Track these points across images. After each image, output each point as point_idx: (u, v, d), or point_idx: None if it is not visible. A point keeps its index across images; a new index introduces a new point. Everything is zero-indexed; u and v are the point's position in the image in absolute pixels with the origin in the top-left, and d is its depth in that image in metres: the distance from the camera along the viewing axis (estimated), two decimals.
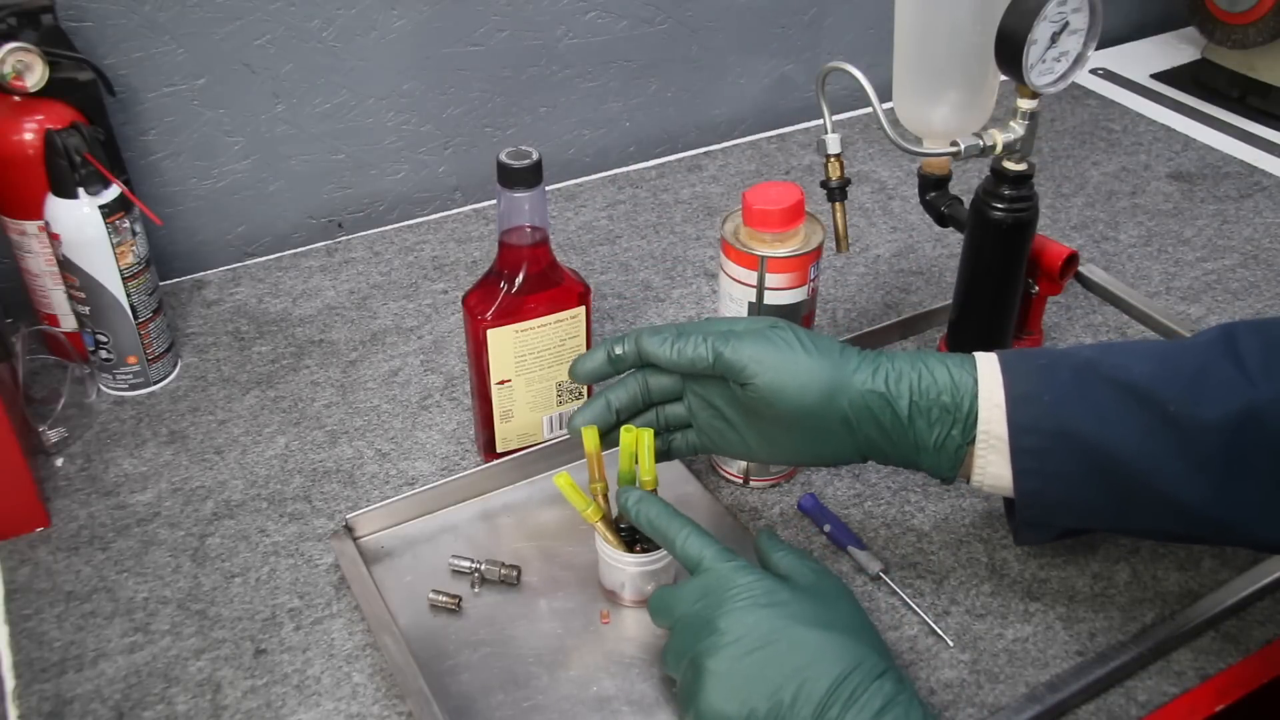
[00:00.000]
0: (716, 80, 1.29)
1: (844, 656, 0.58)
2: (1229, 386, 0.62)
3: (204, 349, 0.96)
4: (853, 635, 0.60)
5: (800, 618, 0.60)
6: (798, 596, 0.61)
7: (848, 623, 0.61)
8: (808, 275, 0.74)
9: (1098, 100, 1.38)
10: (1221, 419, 0.61)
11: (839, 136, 0.82)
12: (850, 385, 0.66)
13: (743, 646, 0.59)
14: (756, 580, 0.61)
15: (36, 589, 0.75)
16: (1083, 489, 0.65)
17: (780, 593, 0.61)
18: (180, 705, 0.68)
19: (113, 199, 0.83)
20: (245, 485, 0.83)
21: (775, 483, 0.83)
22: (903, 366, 0.67)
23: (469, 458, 0.85)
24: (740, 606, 0.60)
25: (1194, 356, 0.65)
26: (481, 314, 0.76)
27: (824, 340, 0.68)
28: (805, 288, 0.74)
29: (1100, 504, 0.65)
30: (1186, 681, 0.70)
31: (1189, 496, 0.63)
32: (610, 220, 1.15)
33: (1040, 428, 0.64)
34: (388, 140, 1.13)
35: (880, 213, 1.16)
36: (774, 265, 0.73)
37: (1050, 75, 0.76)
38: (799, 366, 0.66)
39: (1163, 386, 0.63)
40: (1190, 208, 1.17)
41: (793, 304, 0.75)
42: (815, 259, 0.74)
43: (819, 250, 0.74)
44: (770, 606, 0.60)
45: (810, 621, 0.60)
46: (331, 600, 0.74)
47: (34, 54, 0.82)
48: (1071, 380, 0.65)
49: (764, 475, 0.82)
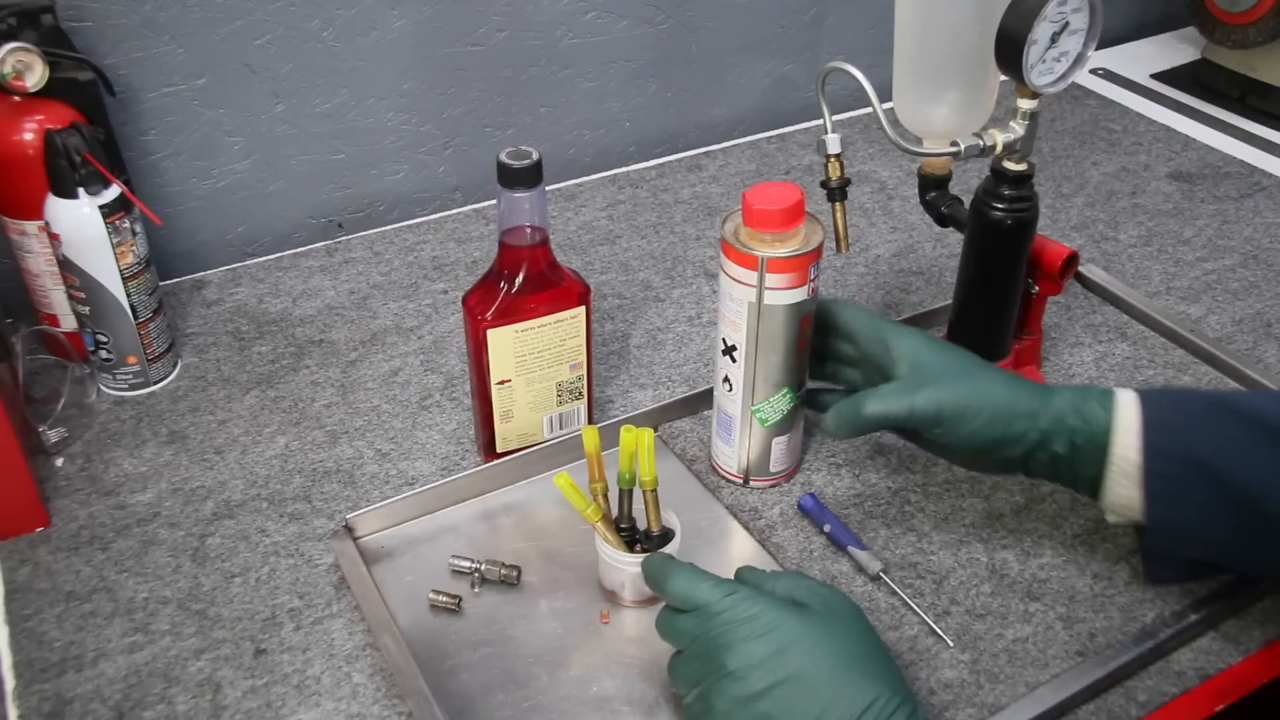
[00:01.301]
0: (716, 80, 1.29)
1: (856, 697, 0.56)
2: None
3: (204, 349, 0.96)
4: (862, 668, 0.58)
5: (809, 653, 0.58)
6: (806, 624, 0.59)
7: (857, 650, 0.59)
8: (808, 275, 0.74)
9: (1098, 100, 1.38)
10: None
11: (839, 136, 0.82)
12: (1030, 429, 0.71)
13: (750, 687, 0.57)
14: (761, 612, 0.59)
15: (36, 589, 0.75)
16: (1212, 519, 0.67)
17: (788, 622, 0.59)
18: (180, 705, 0.68)
19: (113, 199, 0.83)
20: (245, 485, 0.83)
21: (775, 483, 0.83)
22: (1063, 407, 0.71)
23: (469, 458, 0.85)
24: (747, 643, 0.58)
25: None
26: (481, 314, 0.76)
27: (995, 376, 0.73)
28: (805, 288, 0.74)
29: (1229, 536, 0.68)
30: (1186, 681, 0.70)
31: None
32: (610, 220, 1.15)
33: (1172, 454, 0.67)
34: (388, 140, 1.13)
35: (880, 213, 1.16)
36: (774, 265, 0.73)
37: (1050, 75, 0.76)
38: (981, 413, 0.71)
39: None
40: (1190, 208, 1.17)
41: (793, 304, 0.75)
42: (815, 259, 0.74)
43: (819, 250, 0.74)
44: (777, 642, 0.58)
45: (819, 656, 0.58)
46: (331, 600, 0.74)
47: (34, 54, 0.82)
48: (1204, 412, 0.68)
49: (764, 475, 0.82)
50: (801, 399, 0.80)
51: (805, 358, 0.78)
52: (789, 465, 0.83)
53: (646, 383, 0.93)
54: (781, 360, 0.77)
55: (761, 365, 0.77)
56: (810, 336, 0.78)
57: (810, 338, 0.78)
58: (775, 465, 0.82)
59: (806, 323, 0.77)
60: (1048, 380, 0.92)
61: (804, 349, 0.78)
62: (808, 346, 0.78)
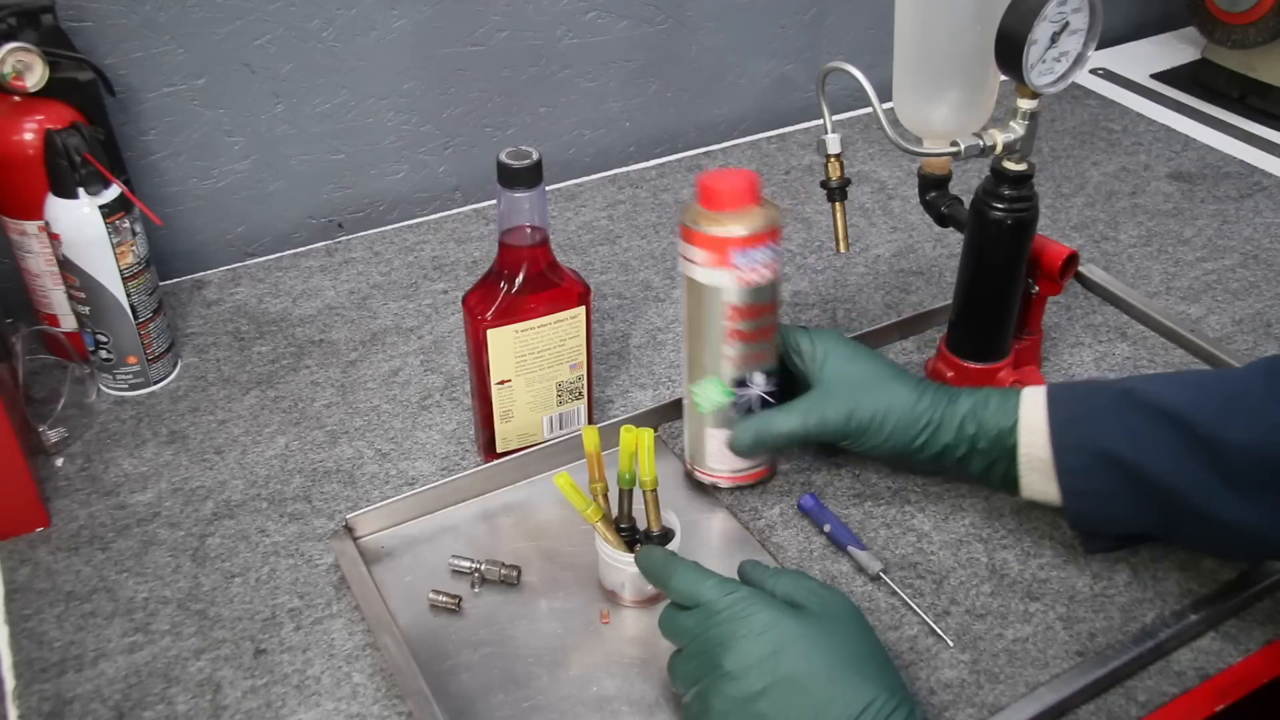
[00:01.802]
0: (716, 80, 1.29)
1: (853, 698, 0.57)
2: (1259, 411, 0.66)
3: (204, 349, 0.96)
4: (859, 669, 0.58)
5: (805, 654, 0.58)
6: (804, 626, 0.59)
7: (855, 652, 0.59)
8: (728, 259, 0.72)
9: (1098, 100, 1.38)
10: (1250, 441, 0.65)
11: (839, 136, 0.82)
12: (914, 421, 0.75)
13: (747, 687, 0.58)
14: (758, 612, 0.60)
15: (36, 589, 0.75)
16: (1128, 506, 0.70)
17: (785, 623, 0.59)
18: (180, 705, 0.68)
19: (113, 199, 0.83)
20: (245, 485, 0.83)
21: (715, 480, 0.81)
22: (961, 414, 0.75)
23: (469, 458, 0.85)
24: (744, 643, 0.59)
25: (1231, 385, 0.70)
26: (481, 314, 0.76)
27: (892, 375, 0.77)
28: (728, 272, 0.73)
29: (1148, 519, 0.71)
30: (1186, 681, 0.70)
31: (1225, 513, 0.67)
32: (610, 220, 1.15)
33: (1082, 448, 0.70)
34: (388, 140, 1.13)
35: (880, 213, 1.16)
36: (697, 239, 0.73)
37: (1050, 75, 0.76)
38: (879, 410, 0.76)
39: (1195, 410, 0.68)
40: (1190, 208, 1.17)
41: (713, 286, 0.74)
42: (743, 247, 0.72)
43: (775, 232, 0.74)
44: (774, 642, 0.58)
45: (816, 658, 0.58)
46: (331, 600, 0.74)
47: (34, 54, 0.82)
48: (1110, 405, 0.71)
49: (703, 467, 0.81)
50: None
51: (742, 353, 0.76)
52: (733, 469, 0.80)
53: (646, 383, 0.93)
54: (705, 345, 0.76)
55: (693, 345, 0.77)
56: (748, 332, 0.75)
57: (748, 333, 0.75)
58: (712, 460, 0.80)
59: (738, 313, 0.74)
60: (1048, 380, 0.92)
61: (734, 340, 0.75)
62: (744, 342, 0.75)
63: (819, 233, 1.12)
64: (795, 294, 1.03)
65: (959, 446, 0.75)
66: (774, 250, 0.74)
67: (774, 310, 0.77)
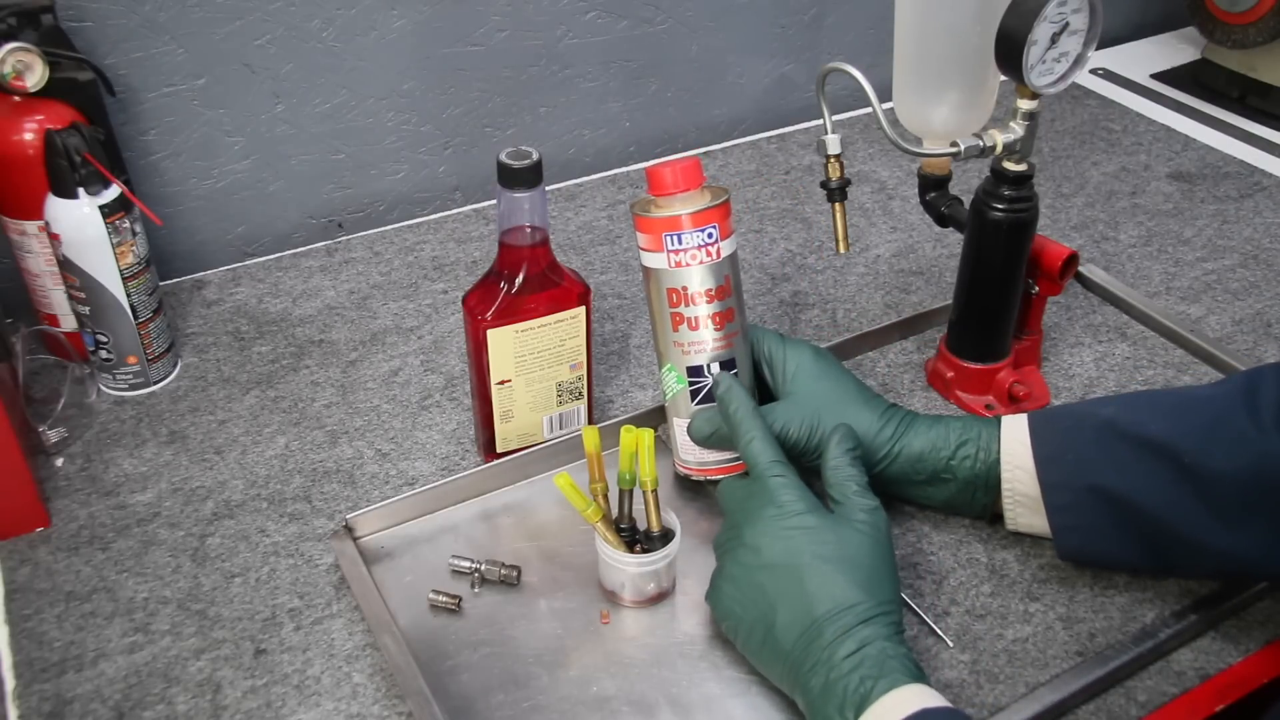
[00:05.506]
0: (716, 80, 1.29)
1: (838, 598, 0.62)
2: (1242, 439, 0.67)
3: (204, 349, 0.96)
4: (853, 574, 0.63)
5: (813, 548, 0.64)
6: (823, 523, 0.66)
7: (857, 559, 0.64)
8: (662, 244, 0.73)
9: (1098, 100, 1.38)
10: (1234, 469, 0.66)
11: (839, 137, 0.82)
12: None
13: (756, 558, 0.66)
14: (792, 500, 0.67)
15: (36, 589, 0.75)
16: (1118, 538, 0.71)
17: (807, 518, 0.66)
18: (180, 705, 0.68)
19: (113, 199, 0.83)
20: (245, 485, 0.83)
21: (689, 474, 0.80)
22: (937, 434, 0.76)
23: (469, 458, 0.85)
24: (766, 521, 0.66)
25: (1212, 408, 0.70)
26: (481, 314, 0.76)
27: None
28: (664, 255, 0.74)
29: (1137, 550, 0.71)
30: (1186, 681, 0.70)
31: (1213, 540, 0.67)
32: (610, 220, 1.15)
33: (1069, 485, 0.71)
34: (387, 140, 1.13)
35: (880, 213, 1.16)
36: (639, 223, 0.74)
37: (1050, 76, 0.76)
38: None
39: (1179, 439, 0.68)
40: (1190, 208, 1.17)
41: (654, 269, 0.75)
42: (675, 229, 0.73)
43: (714, 216, 0.73)
44: (792, 529, 0.65)
45: (820, 554, 0.64)
46: (331, 600, 0.74)
47: (34, 54, 0.82)
48: (1094, 439, 0.71)
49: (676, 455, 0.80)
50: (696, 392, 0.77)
51: (691, 340, 0.75)
52: (700, 461, 0.78)
53: (646, 383, 0.93)
54: (659, 331, 0.77)
55: (654, 331, 0.78)
56: (691, 318, 0.74)
57: (692, 319, 0.74)
58: (683, 452, 0.79)
59: (678, 297, 0.74)
60: (1048, 380, 0.92)
61: (681, 326, 0.75)
62: (691, 329, 0.75)
63: (819, 233, 1.12)
64: (795, 294, 1.03)
65: (917, 476, 0.76)
66: (711, 234, 0.73)
67: (724, 298, 0.74)
